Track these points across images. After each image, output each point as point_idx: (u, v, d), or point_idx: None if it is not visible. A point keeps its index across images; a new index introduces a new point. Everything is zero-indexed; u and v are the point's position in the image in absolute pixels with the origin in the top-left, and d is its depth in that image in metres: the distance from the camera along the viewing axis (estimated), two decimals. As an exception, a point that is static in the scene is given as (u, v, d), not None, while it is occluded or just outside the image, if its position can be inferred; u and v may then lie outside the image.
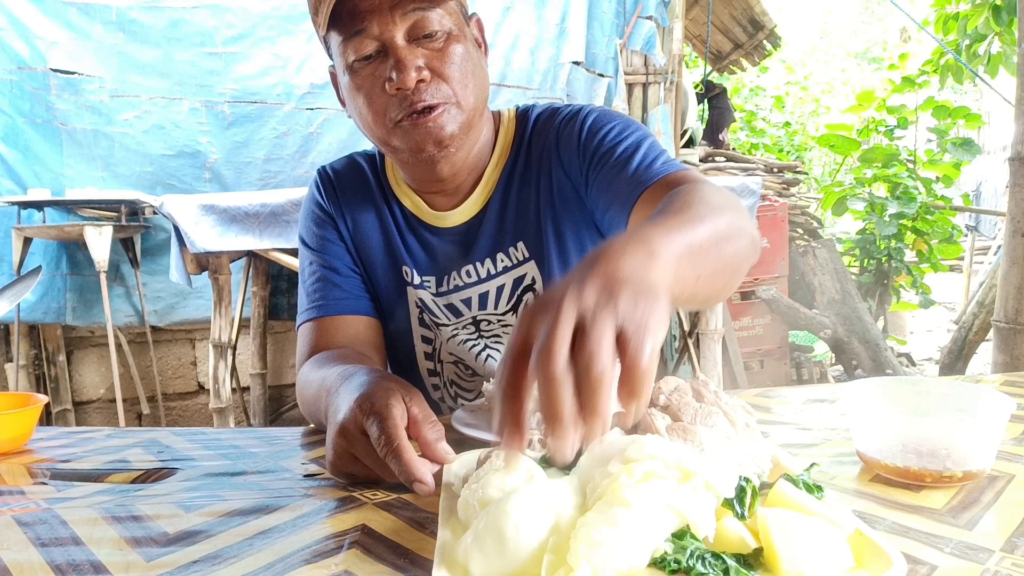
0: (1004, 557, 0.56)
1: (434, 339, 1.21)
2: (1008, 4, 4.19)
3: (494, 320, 1.17)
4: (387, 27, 0.95)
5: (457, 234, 1.15)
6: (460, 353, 1.19)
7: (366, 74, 0.98)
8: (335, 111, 3.49)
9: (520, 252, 1.14)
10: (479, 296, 1.16)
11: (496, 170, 1.14)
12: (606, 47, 3.75)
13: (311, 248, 1.19)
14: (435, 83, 0.97)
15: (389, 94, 0.97)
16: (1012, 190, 2.73)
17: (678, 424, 0.62)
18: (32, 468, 0.88)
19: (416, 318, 1.20)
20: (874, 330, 4.36)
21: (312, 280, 1.17)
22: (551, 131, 1.13)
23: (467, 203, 1.14)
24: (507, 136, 1.16)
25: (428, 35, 0.97)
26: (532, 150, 1.14)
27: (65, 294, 3.31)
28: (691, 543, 0.49)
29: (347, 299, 1.15)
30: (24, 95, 3.16)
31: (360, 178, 1.20)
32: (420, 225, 1.17)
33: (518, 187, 1.14)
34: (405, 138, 1.00)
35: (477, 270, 1.15)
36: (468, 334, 1.18)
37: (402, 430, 0.72)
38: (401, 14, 0.95)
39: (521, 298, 1.15)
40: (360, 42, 0.96)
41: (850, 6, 18.73)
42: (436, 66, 0.97)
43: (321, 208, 1.20)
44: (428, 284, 1.18)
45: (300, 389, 1.07)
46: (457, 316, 1.18)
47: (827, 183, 7.53)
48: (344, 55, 0.98)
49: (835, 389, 1.16)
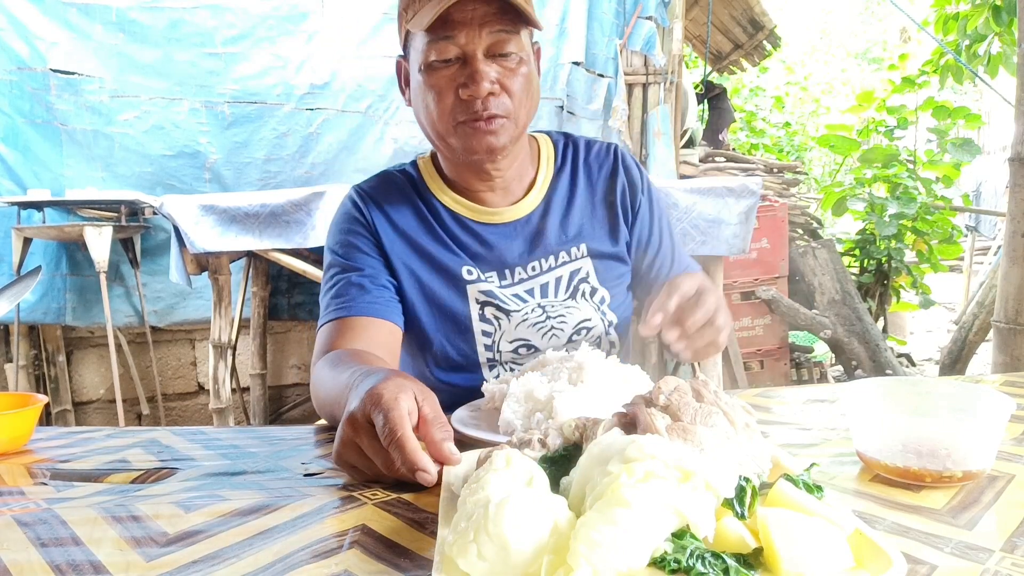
0: (1004, 557, 0.56)
1: (494, 332, 1.25)
2: (1008, 4, 4.19)
3: (558, 304, 1.27)
4: (473, 40, 1.07)
5: (519, 227, 1.26)
6: (527, 335, 1.26)
7: (442, 76, 1.09)
8: (335, 111, 3.49)
9: (581, 251, 1.28)
10: (540, 286, 1.26)
11: (548, 179, 1.29)
12: (606, 47, 3.75)
13: (339, 256, 1.23)
14: (502, 97, 1.10)
15: (461, 98, 1.09)
16: (1012, 190, 2.73)
17: (678, 424, 0.62)
18: (32, 468, 0.88)
19: (477, 314, 1.24)
20: (874, 330, 4.35)
21: (339, 283, 1.20)
22: (617, 166, 1.32)
23: (527, 200, 1.26)
24: (548, 150, 1.32)
25: (504, 54, 1.10)
26: (592, 172, 1.32)
27: (65, 294, 3.31)
28: (691, 543, 0.49)
29: (373, 303, 1.18)
30: (24, 95, 3.17)
31: (400, 192, 1.27)
32: (476, 224, 1.25)
33: (584, 199, 1.29)
34: (463, 139, 1.12)
35: (541, 264, 1.27)
36: (536, 317, 1.26)
37: (407, 422, 0.72)
38: (488, 31, 1.07)
39: (578, 287, 1.29)
40: (445, 47, 1.07)
41: (850, 6, 18.73)
42: (506, 83, 1.10)
43: (357, 221, 1.24)
44: (491, 278, 1.24)
45: (315, 385, 1.09)
46: (524, 302, 1.26)
47: (827, 183, 7.53)
48: (425, 53, 1.08)
49: (835, 389, 1.16)
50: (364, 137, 3.51)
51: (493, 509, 0.50)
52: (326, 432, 1.01)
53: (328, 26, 3.48)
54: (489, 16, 1.07)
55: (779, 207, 4.32)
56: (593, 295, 1.28)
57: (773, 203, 4.30)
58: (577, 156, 1.32)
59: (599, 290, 1.28)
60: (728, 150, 5.34)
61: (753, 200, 3.49)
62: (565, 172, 1.30)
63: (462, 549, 0.49)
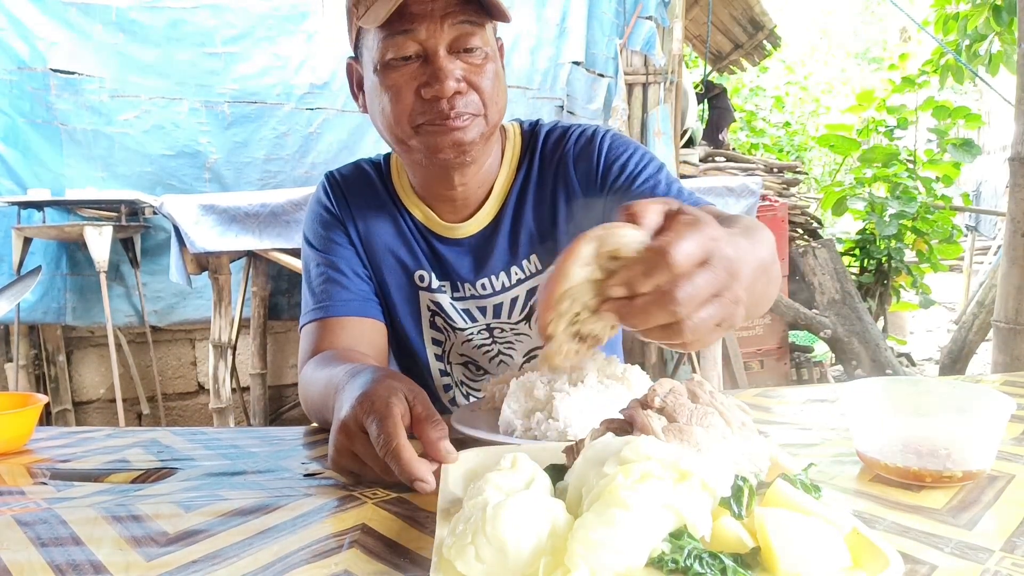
0: (1004, 557, 0.56)
1: (444, 341, 1.22)
2: (1008, 4, 4.18)
3: (507, 328, 1.20)
4: (434, 34, 0.97)
5: (468, 246, 1.17)
6: (473, 355, 1.21)
7: (401, 74, 0.99)
8: (335, 111, 3.49)
9: (533, 265, 1.17)
10: (493, 307, 1.19)
11: (506, 184, 1.17)
12: (606, 47, 3.75)
13: (317, 249, 1.19)
14: (469, 95, 1.00)
15: (423, 98, 0.99)
16: (1012, 190, 2.73)
17: (673, 425, 0.62)
18: (32, 468, 0.88)
19: (427, 321, 1.21)
20: (874, 330, 4.35)
21: (318, 281, 1.17)
22: (566, 151, 1.16)
23: (478, 216, 1.16)
24: (514, 151, 1.19)
25: (468, 49, 1.00)
26: (545, 167, 1.17)
27: (65, 294, 3.31)
28: (688, 543, 0.49)
29: (353, 301, 1.15)
30: (24, 95, 3.16)
31: (368, 184, 1.21)
32: (431, 235, 1.18)
33: (533, 203, 1.16)
34: (426, 139, 1.02)
35: (492, 283, 1.18)
36: (483, 339, 1.20)
37: (402, 429, 0.72)
38: (451, 24, 0.97)
39: (535, 309, 1.16)
40: (403, 43, 0.98)
41: (850, 6, 18.72)
42: (473, 80, 1.00)
43: (329, 211, 1.20)
44: (444, 288, 1.19)
45: (303, 388, 1.07)
46: (472, 321, 1.20)
47: (827, 183, 7.53)
48: (381, 51, 0.99)
49: (835, 389, 1.16)
50: (364, 137, 3.51)
51: (491, 511, 0.50)
52: (321, 433, 1.01)
53: (328, 26, 3.47)
54: (451, 7, 0.97)
55: (779, 207, 4.32)
56: None
57: (773, 203, 4.30)
58: (535, 151, 1.18)
59: None
60: (728, 150, 5.34)
61: (753, 200, 3.49)
62: (521, 173, 1.18)
63: (460, 551, 0.49)
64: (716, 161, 4.62)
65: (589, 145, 1.15)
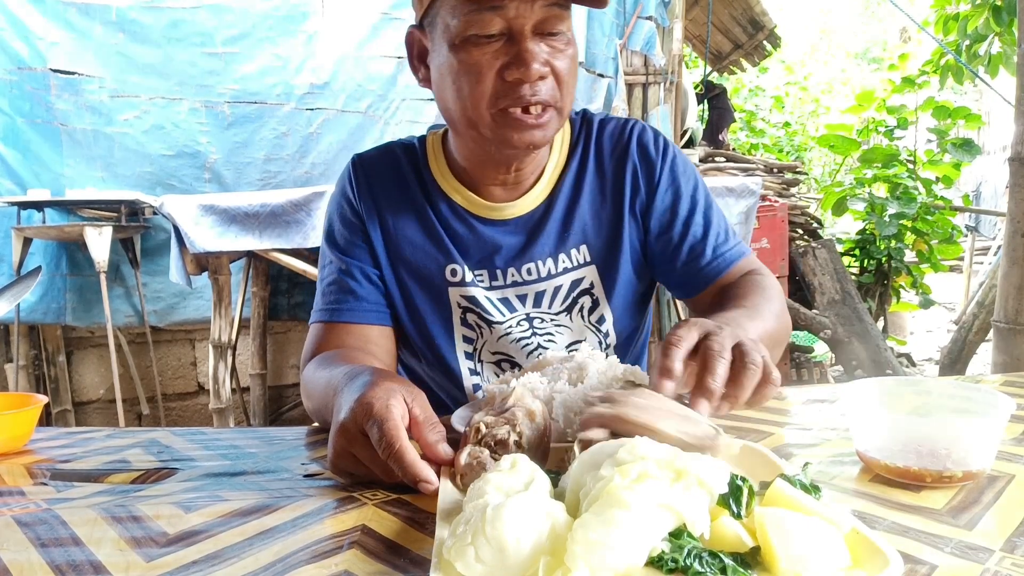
0: (1004, 557, 0.56)
1: (476, 339, 1.18)
2: (1008, 4, 4.19)
3: (547, 318, 1.16)
4: (524, 13, 0.92)
5: (518, 225, 1.13)
6: (509, 351, 1.17)
7: (483, 52, 0.94)
8: (335, 111, 3.49)
9: (583, 255, 1.15)
10: (535, 294, 1.15)
11: (559, 167, 1.14)
12: (606, 47, 3.75)
13: (334, 247, 1.16)
14: (549, 81, 0.96)
15: (504, 79, 0.94)
16: (1012, 190, 2.73)
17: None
18: (32, 468, 0.88)
19: (458, 318, 1.17)
20: (874, 330, 4.35)
21: (330, 280, 1.15)
22: (630, 150, 1.15)
23: (531, 194, 1.13)
24: (564, 134, 1.16)
25: (554, 33, 0.95)
26: (603, 158, 1.15)
27: (65, 294, 3.31)
28: (688, 542, 0.49)
29: (362, 308, 1.13)
30: (24, 95, 3.17)
31: (397, 171, 1.16)
32: (472, 217, 1.14)
33: (590, 191, 1.14)
34: (502, 129, 0.97)
35: (538, 268, 1.14)
36: (521, 331, 1.16)
37: (403, 431, 0.71)
38: (541, 5, 0.92)
39: (577, 300, 1.15)
40: (490, 19, 0.92)
41: (850, 6, 18.73)
42: (556, 66, 0.96)
43: (351, 205, 1.16)
44: (481, 278, 1.15)
45: (305, 387, 1.07)
46: (511, 311, 1.16)
47: (827, 183, 7.53)
48: (462, 25, 0.93)
49: (835, 389, 1.16)
50: (364, 137, 3.51)
51: (491, 512, 0.50)
52: (321, 433, 1.01)
53: (328, 26, 3.48)
54: None
55: (779, 207, 4.32)
56: (592, 312, 1.17)
57: (773, 203, 4.30)
58: (590, 139, 1.15)
59: (601, 306, 1.16)
60: (728, 150, 5.35)
61: (753, 200, 3.49)
62: (575, 159, 1.14)
63: (460, 552, 0.49)
64: (716, 161, 4.62)
65: (658, 153, 1.15)
